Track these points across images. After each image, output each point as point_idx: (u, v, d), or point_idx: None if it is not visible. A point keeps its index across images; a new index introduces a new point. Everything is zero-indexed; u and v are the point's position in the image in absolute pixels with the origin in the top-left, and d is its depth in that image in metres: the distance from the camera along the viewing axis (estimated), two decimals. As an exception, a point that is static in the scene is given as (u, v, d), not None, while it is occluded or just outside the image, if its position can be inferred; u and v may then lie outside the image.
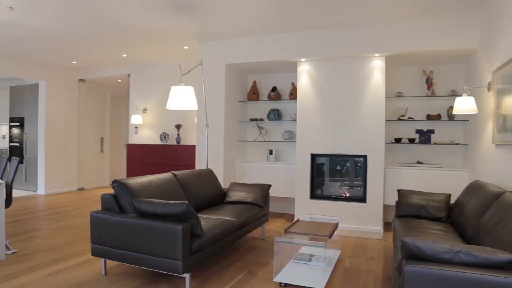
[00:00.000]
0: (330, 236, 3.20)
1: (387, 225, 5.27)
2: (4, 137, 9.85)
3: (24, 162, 8.29)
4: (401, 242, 1.96)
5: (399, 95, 5.26)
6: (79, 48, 6.27)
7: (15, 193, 7.83)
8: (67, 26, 5.05)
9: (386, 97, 5.16)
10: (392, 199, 4.98)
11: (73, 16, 4.63)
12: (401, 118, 5.27)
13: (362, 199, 5.03)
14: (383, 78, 4.87)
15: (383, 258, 3.82)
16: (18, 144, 8.46)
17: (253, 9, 4.37)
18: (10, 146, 8.66)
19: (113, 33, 5.33)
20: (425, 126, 5.27)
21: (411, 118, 5.25)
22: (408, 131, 5.38)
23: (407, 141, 5.27)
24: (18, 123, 8.46)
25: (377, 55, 4.83)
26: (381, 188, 4.88)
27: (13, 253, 3.79)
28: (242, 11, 4.44)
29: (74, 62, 7.42)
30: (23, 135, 8.35)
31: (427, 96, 5.12)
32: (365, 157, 4.99)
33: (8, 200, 3.97)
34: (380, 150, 4.87)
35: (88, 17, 4.66)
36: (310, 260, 3.56)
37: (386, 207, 5.43)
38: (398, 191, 3.97)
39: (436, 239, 2.00)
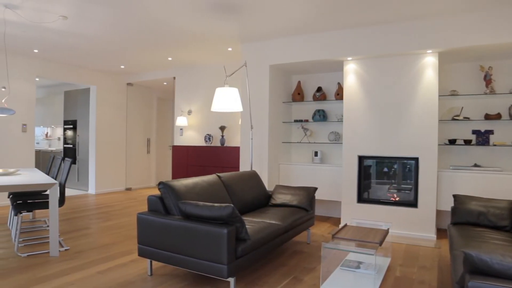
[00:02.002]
0: (381, 243, 3.03)
1: (440, 232, 4.97)
2: (59, 139, 10.40)
3: (76, 163, 8.69)
4: (464, 254, 1.79)
5: (454, 94, 4.94)
6: (127, 53, 6.47)
7: (69, 192, 8.22)
8: (116, 32, 5.21)
9: (439, 96, 4.87)
10: (446, 205, 4.68)
11: (122, 22, 4.76)
12: (455, 118, 4.94)
13: (413, 203, 4.77)
14: (435, 75, 4.59)
15: (437, 268, 3.58)
16: (71, 146, 8.89)
17: (297, 8, 4.27)
18: (64, 148, 9.12)
19: (159, 37, 5.43)
20: (483, 126, 4.91)
21: (466, 118, 4.91)
22: (463, 131, 5.04)
23: (463, 143, 4.94)
24: (71, 126, 8.89)
25: (430, 51, 4.56)
26: (434, 192, 4.60)
27: (65, 250, 3.94)
28: (285, 11, 4.35)
29: (123, 67, 7.68)
30: (76, 137, 8.75)
31: (485, 94, 4.77)
32: (416, 159, 4.73)
33: (62, 200, 4.13)
34: (433, 152, 4.60)
35: (136, 22, 4.77)
36: (358, 267, 3.41)
37: (438, 213, 5.13)
38: (454, 196, 3.71)
39: (502, 252, 1.81)
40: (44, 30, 5.16)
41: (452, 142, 4.92)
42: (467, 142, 4.83)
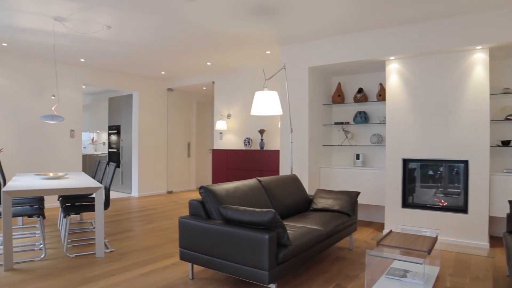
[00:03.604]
0: (429, 251, 2.88)
1: (493, 240, 4.67)
2: (104, 143, 10.81)
3: (120, 166, 8.98)
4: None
5: (507, 92, 4.63)
6: (167, 59, 6.61)
7: (113, 195, 8.51)
8: (157, 40, 5.34)
9: (491, 94, 4.58)
10: (499, 211, 4.38)
11: (163, 30, 4.86)
12: (509, 117, 4.63)
13: (463, 209, 4.51)
14: (486, 72, 4.32)
15: (492, 279, 3.34)
16: (115, 150, 9.21)
17: (335, 8, 4.17)
18: (109, 152, 9.46)
19: (199, 42, 5.50)
20: (541, 126, 4.58)
21: (522, 118, 4.60)
22: (518, 132, 4.72)
23: (518, 144, 4.63)
24: (115, 131, 9.21)
25: (479, 47, 4.30)
26: (486, 197, 4.32)
27: (111, 251, 4.06)
28: (323, 11, 4.27)
29: (163, 73, 7.86)
30: (119, 142, 9.06)
31: (543, 92, 4.44)
32: (465, 162, 4.47)
33: (107, 202, 4.25)
34: (485, 154, 4.33)
35: (176, 29, 4.86)
36: (404, 276, 3.25)
37: (491, 219, 4.82)
38: (510, 202, 3.46)
39: None
40: (90, 40, 5.38)
41: (506, 143, 4.61)
42: (523, 144, 4.52)
